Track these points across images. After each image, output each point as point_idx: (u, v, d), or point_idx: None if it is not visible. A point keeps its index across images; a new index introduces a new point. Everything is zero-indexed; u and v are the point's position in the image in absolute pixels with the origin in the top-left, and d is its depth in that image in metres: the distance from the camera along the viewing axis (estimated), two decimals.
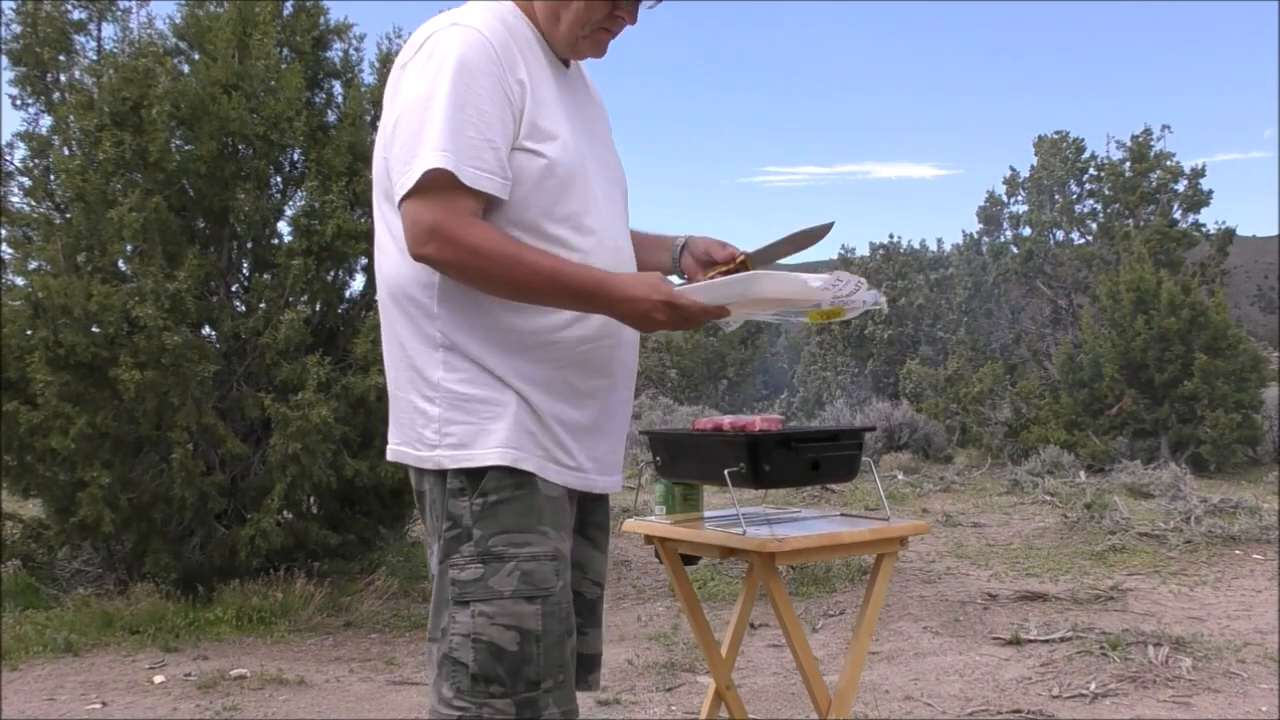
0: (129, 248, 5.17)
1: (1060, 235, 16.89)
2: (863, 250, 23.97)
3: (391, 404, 1.82)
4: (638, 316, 1.68)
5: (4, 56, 5.61)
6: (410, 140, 1.65)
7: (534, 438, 1.72)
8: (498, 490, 1.69)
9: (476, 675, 1.66)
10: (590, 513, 1.90)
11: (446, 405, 1.71)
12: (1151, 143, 16.55)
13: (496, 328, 1.71)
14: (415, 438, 1.74)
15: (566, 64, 1.88)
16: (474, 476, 1.69)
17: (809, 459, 2.42)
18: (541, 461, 1.73)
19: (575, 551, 1.83)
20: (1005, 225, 17.47)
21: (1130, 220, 16.33)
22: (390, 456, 1.83)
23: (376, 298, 1.86)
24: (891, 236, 23.29)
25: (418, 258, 1.65)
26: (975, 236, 18.08)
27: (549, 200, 1.73)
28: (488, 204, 1.67)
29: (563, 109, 1.78)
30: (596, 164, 1.84)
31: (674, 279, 1.81)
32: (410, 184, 1.63)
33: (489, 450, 1.69)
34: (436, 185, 1.62)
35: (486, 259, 1.62)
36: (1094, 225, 16.85)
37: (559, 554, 1.72)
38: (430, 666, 1.76)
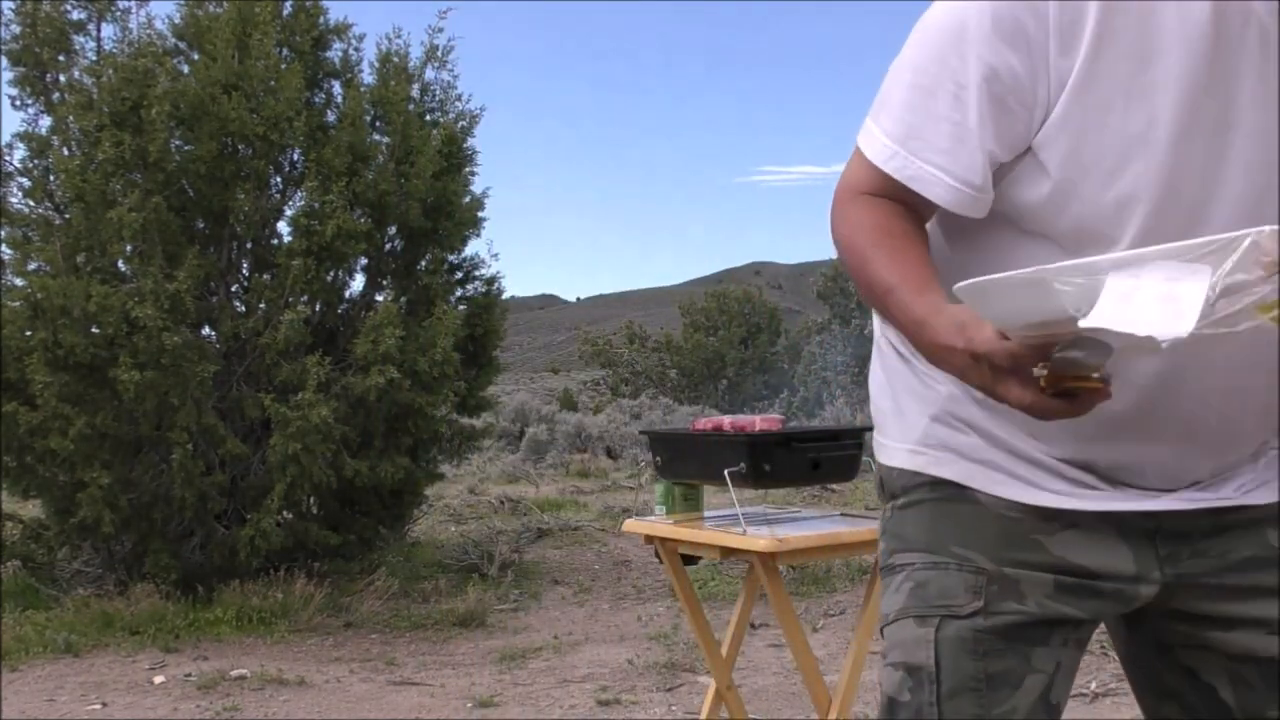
0: (129, 248, 5.18)
1: None
2: None
3: None
4: (959, 375, 1.06)
5: (4, 57, 5.61)
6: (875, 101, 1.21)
7: (967, 434, 1.22)
8: (907, 492, 1.26)
9: None
10: (1207, 554, 1.21)
11: (886, 372, 1.31)
12: None
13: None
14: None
15: None
16: (889, 471, 1.30)
17: (809, 459, 2.42)
18: (974, 469, 1.21)
19: (1209, 606, 1.21)
20: None
21: None
22: None
23: None
24: None
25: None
26: None
27: (1110, 235, 1.10)
28: (969, 225, 1.18)
29: (1175, 96, 1.06)
30: (1219, 175, 1.10)
31: None
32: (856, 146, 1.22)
33: (898, 446, 1.27)
34: (863, 159, 1.19)
35: (844, 250, 1.19)
36: None
37: (992, 574, 1.18)
38: None
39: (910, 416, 1.26)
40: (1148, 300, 0.83)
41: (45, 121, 5.63)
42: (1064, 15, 1.06)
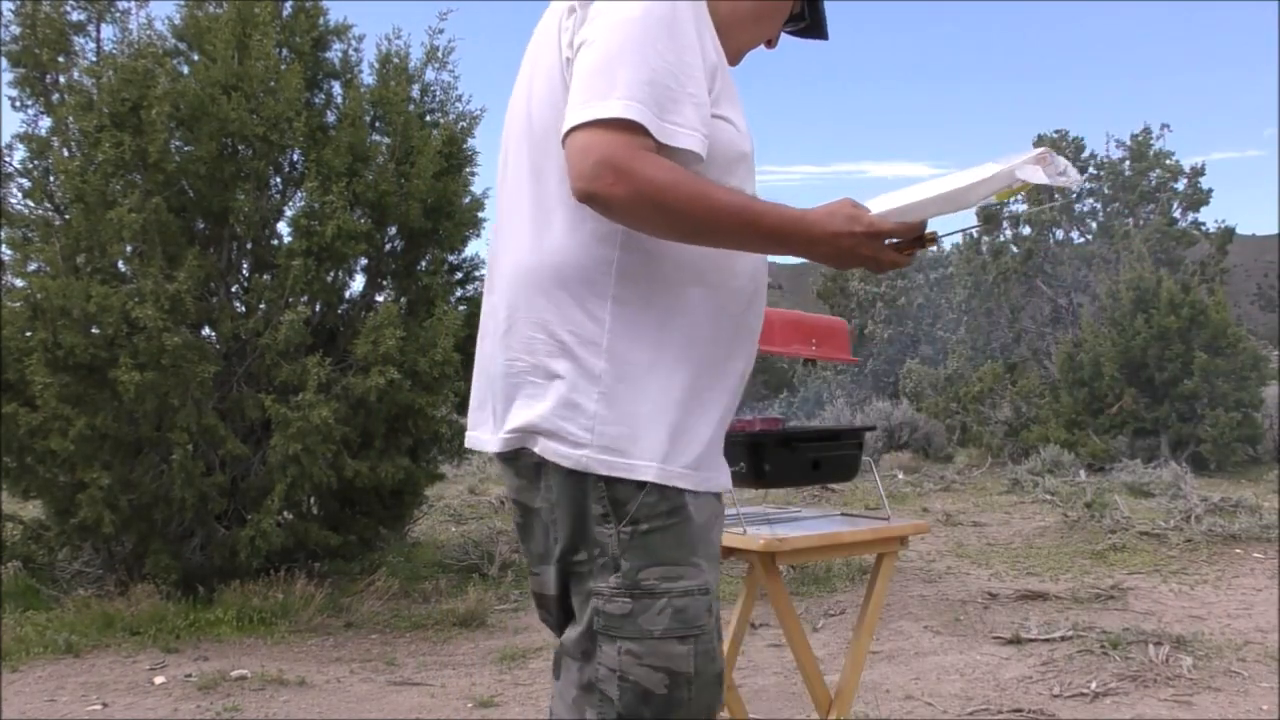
0: (128, 249, 5.17)
1: (1060, 234, 16.91)
2: None
3: (525, 393, 1.54)
4: (841, 254, 1.50)
5: (3, 58, 5.61)
6: (596, 80, 1.42)
7: (694, 448, 1.53)
8: (649, 519, 1.50)
9: (622, 715, 1.52)
10: None
11: (605, 404, 1.48)
12: (1151, 141, 16.57)
13: (674, 321, 1.52)
14: (558, 431, 1.50)
15: None
16: (619, 503, 1.49)
17: (809, 459, 2.42)
18: (703, 474, 1.55)
19: None
20: (1005, 224, 17.48)
21: (1130, 219, 16.34)
22: (506, 445, 1.57)
23: (500, 284, 1.60)
24: None
25: (583, 194, 1.40)
26: (975, 235, 18.09)
27: (742, 174, 1.57)
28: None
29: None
30: None
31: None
32: (586, 119, 1.41)
33: (650, 464, 1.49)
34: (619, 126, 1.41)
35: (666, 193, 1.39)
36: (1094, 224, 16.87)
37: (710, 588, 1.55)
38: (565, 675, 1.63)
39: (657, 435, 1.50)
40: (1034, 174, 1.52)
41: (45, 122, 5.63)
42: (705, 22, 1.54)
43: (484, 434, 1.65)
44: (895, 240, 1.54)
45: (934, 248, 1.50)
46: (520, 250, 1.56)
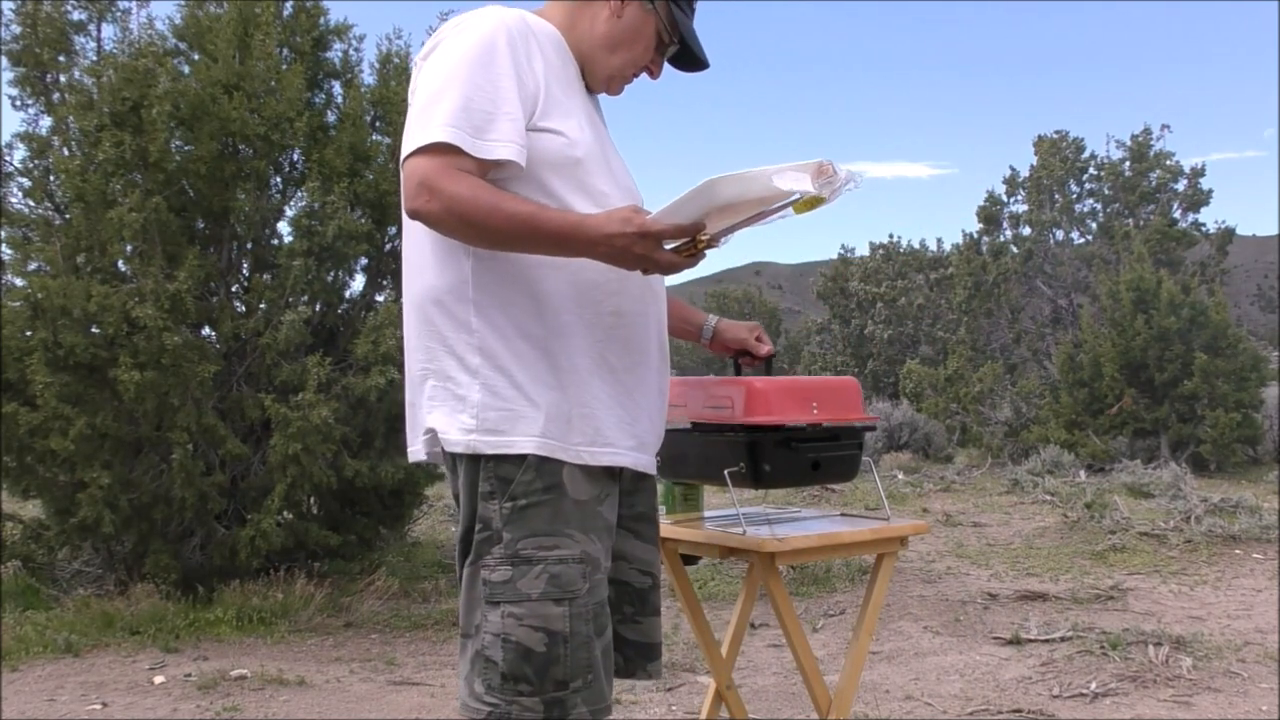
0: (129, 248, 5.17)
1: (1060, 235, 16.89)
2: (862, 250, 24.02)
3: (427, 396, 1.80)
4: (617, 254, 1.66)
5: (4, 57, 5.61)
6: (421, 114, 1.68)
7: (571, 425, 1.74)
8: (527, 495, 1.71)
9: (506, 674, 1.70)
10: (630, 505, 1.90)
11: (485, 393, 1.72)
12: (1151, 142, 16.56)
13: (533, 314, 1.74)
14: (453, 424, 1.74)
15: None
16: (504, 481, 1.71)
17: (809, 459, 2.42)
18: (579, 449, 1.74)
19: (616, 544, 1.85)
20: (1005, 225, 17.46)
21: (1130, 220, 16.33)
22: (424, 450, 1.82)
23: (403, 307, 1.87)
24: (891, 236, 23.05)
25: (410, 213, 1.67)
26: (975, 236, 18.09)
27: (579, 176, 1.76)
28: (509, 176, 1.71)
29: (584, 114, 1.83)
30: (619, 174, 1.87)
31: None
32: (412, 148, 1.67)
33: (527, 438, 1.70)
34: (439, 149, 1.65)
35: (466, 205, 1.62)
36: (1094, 225, 16.86)
37: (586, 557, 1.73)
38: (463, 659, 1.79)
39: (532, 416, 1.71)
40: (797, 182, 1.60)
41: (45, 122, 5.63)
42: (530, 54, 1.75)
43: (413, 445, 1.87)
44: (676, 243, 1.68)
45: (714, 248, 1.76)
46: (411, 279, 1.82)
